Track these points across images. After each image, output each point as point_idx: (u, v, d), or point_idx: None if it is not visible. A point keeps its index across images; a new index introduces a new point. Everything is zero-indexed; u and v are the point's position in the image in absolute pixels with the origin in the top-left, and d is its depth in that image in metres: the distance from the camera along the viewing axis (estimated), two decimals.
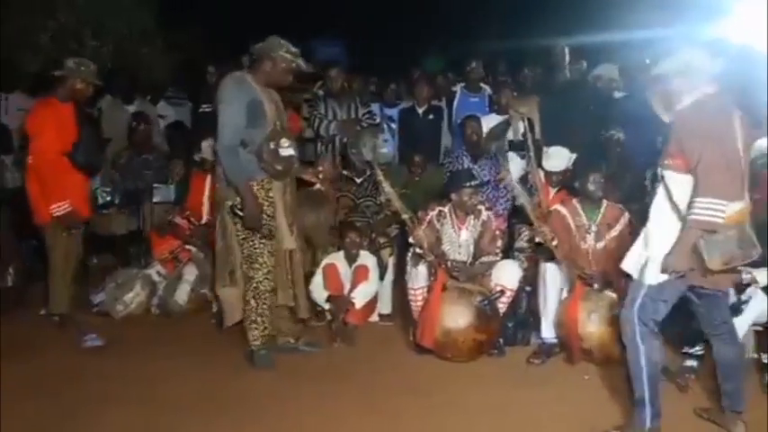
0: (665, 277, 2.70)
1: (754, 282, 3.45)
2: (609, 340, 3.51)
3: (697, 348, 3.54)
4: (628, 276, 2.93)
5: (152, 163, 5.25)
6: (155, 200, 5.09)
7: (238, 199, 3.46)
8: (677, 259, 2.65)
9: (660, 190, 2.79)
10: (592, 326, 3.54)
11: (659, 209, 2.78)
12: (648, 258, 2.75)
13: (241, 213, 3.46)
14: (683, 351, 3.59)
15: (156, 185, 5.12)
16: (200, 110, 5.74)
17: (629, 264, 2.86)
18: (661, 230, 2.73)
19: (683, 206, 2.67)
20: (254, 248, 3.53)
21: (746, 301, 3.48)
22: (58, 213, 4.08)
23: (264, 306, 3.63)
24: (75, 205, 4.14)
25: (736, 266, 2.72)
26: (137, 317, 4.46)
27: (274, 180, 3.53)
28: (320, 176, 3.86)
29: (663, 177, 2.76)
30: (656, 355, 2.81)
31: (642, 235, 2.84)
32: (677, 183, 2.70)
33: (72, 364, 3.71)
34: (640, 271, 2.78)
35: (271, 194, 3.54)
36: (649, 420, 2.81)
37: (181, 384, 3.43)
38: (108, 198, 4.97)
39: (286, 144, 3.52)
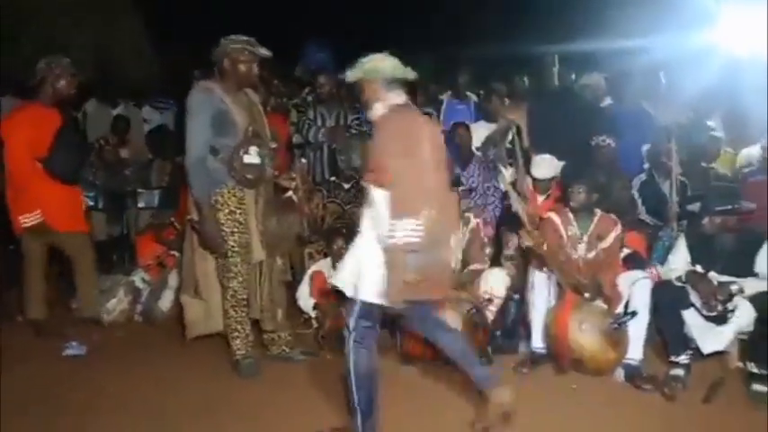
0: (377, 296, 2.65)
1: (740, 292, 3.47)
2: (600, 350, 3.50)
3: (683, 357, 3.55)
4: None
5: (130, 177, 5.17)
6: (139, 205, 5.03)
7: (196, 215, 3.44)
8: (394, 290, 2.60)
9: (368, 204, 2.75)
10: (583, 336, 3.50)
11: (369, 223, 2.73)
12: (362, 275, 2.69)
13: (198, 230, 3.44)
14: (670, 360, 3.58)
15: (139, 191, 5.07)
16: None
17: (342, 280, 2.79)
18: (371, 247, 2.69)
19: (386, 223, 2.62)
20: (228, 258, 3.48)
21: (733, 311, 3.49)
22: (26, 224, 3.93)
23: (243, 314, 3.59)
24: (49, 216, 3.94)
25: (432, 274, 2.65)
26: (120, 324, 4.39)
27: (246, 188, 3.49)
28: (293, 184, 3.82)
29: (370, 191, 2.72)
30: (365, 364, 2.74)
31: (352, 249, 2.80)
32: (380, 198, 2.65)
33: (53, 373, 3.64)
34: (355, 287, 2.72)
35: (243, 202, 3.50)
36: (360, 425, 2.77)
37: (163, 393, 3.38)
38: (91, 203, 4.90)
39: (254, 152, 3.46)
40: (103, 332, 4.20)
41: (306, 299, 4.20)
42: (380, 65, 2.70)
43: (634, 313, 3.54)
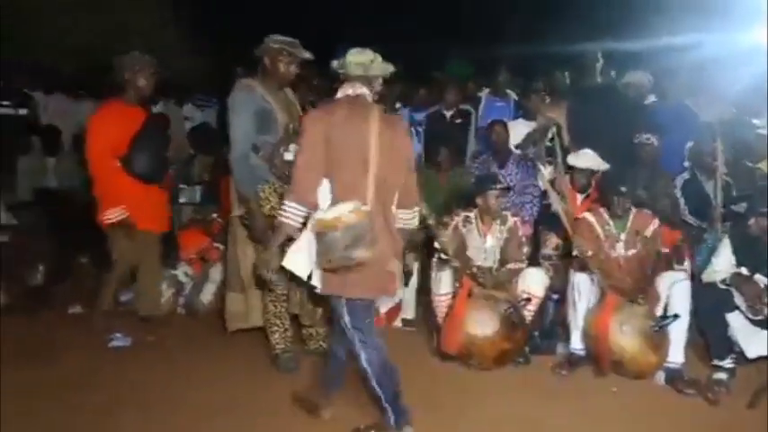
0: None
1: None
2: (641, 352, 3.46)
3: (727, 361, 3.49)
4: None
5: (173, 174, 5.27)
6: (180, 201, 5.13)
7: (244, 210, 3.49)
8: (272, 259, 2.80)
9: None
10: (624, 337, 3.47)
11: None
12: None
13: (248, 224, 3.50)
14: (713, 364, 3.53)
15: (181, 186, 5.16)
16: None
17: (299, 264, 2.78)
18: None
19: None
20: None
21: None
22: (110, 220, 3.92)
23: (283, 309, 3.64)
24: (133, 213, 3.92)
25: (344, 266, 2.63)
26: (163, 316, 4.47)
27: (286, 185, 3.54)
28: None
29: None
30: (378, 360, 2.79)
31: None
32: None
33: (98, 364, 3.75)
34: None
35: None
36: (393, 420, 2.82)
37: (201, 385, 3.45)
38: None
39: (293, 149, 3.51)
40: (148, 324, 4.30)
41: None
42: (342, 59, 2.80)
43: (676, 316, 3.48)
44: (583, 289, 3.69)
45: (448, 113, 5.54)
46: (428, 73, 6.49)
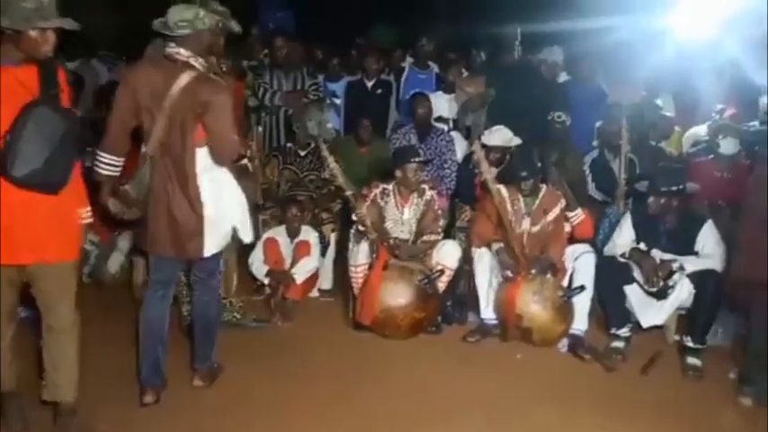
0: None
1: (680, 269, 3.60)
2: (550, 321, 3.62)
3: (624, 330, 3.69)
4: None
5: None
6: (87, 164, 4.84)
7: None
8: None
9: None
10: (534, 306, 3.61)
11: None
12: None
13: None
14: (611, 332, 3.72)
15: (87, 149, 4.87)
16: None
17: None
18: None
19: None
20: None
21: (672, 287, 3.63)
22: None
23: None
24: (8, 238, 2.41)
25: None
26: None
27: None
28: (248, 153, 3.74)
29: None
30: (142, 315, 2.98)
31: None
32: None
33: None
34: None
35: None
36: (144, 373, 2.98)
37: (109, 357, 3.32)
38: None
39: None
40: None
41: (259, 265, 4.18)
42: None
43: (583, 287, 3.66)
44: (484, 261, 3.82)
45: (369, 83, 5.50)
46: (351, 40, 6.40)
